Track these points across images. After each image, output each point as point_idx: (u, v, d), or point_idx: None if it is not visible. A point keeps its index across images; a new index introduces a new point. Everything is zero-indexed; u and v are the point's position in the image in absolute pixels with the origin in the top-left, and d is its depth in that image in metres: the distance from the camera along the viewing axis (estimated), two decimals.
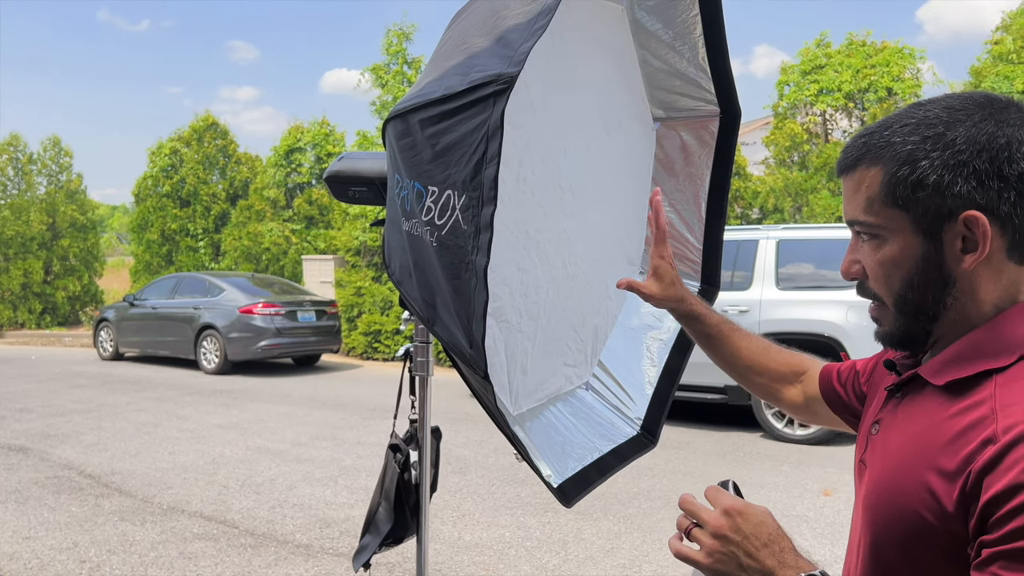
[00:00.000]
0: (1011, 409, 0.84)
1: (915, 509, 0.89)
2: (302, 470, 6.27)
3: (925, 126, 0.92)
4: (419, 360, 2.10)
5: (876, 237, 0.96)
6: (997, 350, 0.91)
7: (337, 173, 2.05)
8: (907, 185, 0.92)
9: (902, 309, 0.97)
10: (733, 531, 0.94)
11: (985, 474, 0.82)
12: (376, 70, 15.62)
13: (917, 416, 0.96)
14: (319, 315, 12.62)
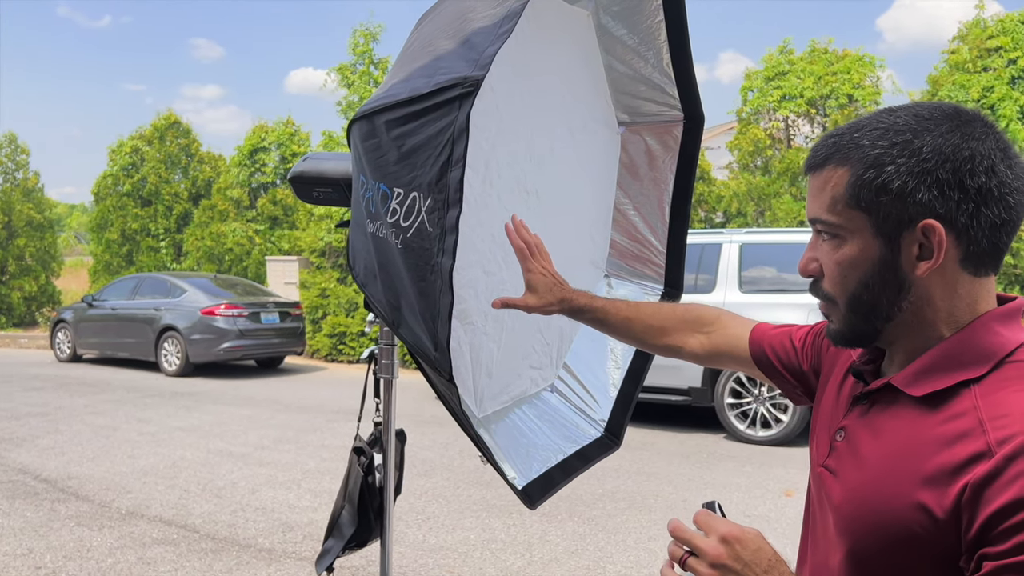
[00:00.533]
0: (1001, 421, 0.86)
1: (902, 520, 0.89)
2: (265, 473, 6.20)
3: (894, 132, 0.94)
4: (384, 363, 2.09)
5: (836, 237, 0.97)
6: (971, 360, 0.93)
7: (301, 174, 2.03)
8: (872, 188, 0.93)
9: (855, 309, 0.98)
10: (733, 560, 0.92)
11: (984, 487, 0.83)
12: (342, 70, 15.52)
13: (894, 427, 0.96)
14: (283, 317, 12.49)
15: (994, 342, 0.93)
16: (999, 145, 0.92)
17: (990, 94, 10.06)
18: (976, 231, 0.92)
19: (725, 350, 1.42)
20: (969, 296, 0.95)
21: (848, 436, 1.03)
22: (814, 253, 1.02)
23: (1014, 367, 0.91)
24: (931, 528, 0.86)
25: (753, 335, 1.39)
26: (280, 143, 16.98)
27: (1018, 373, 0.90)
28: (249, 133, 17.33)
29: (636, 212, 2.04)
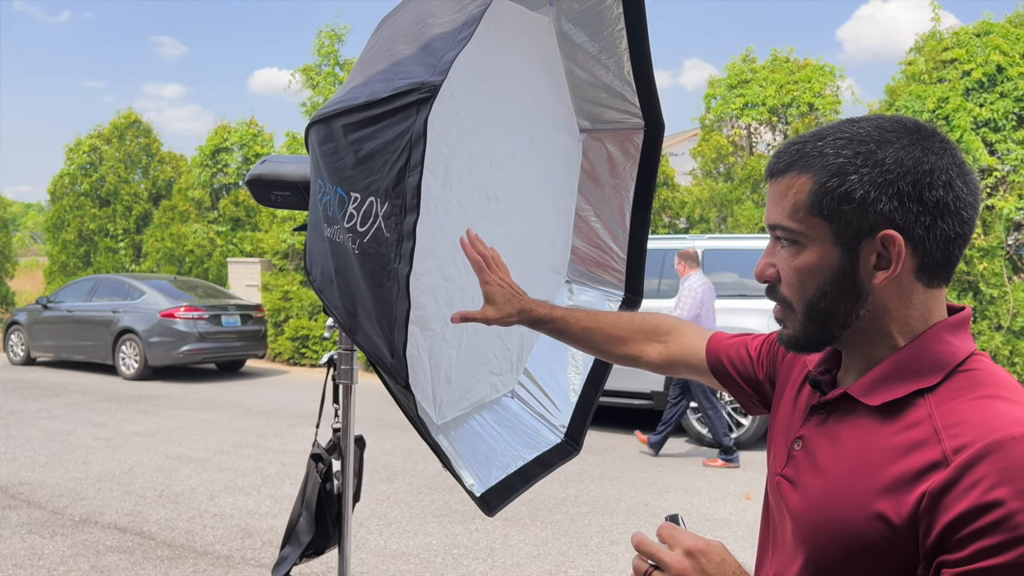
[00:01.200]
0: (955, 430, 0.87)
1: (861, 529, 0.90)
2: (224, 479, 6.11)
3: (857, 142, 0.95)
4: (343, 368, 2.07)
5: (796, 243, 0.98)
6: (925, 369, 0.94)
7: (259, 176, 2.01)
8: (834, 196, 0.94)
9: (811, 316, 0.99)
10: (697, 572, 0.92)
11: (942, 496, 0.84)
12: (307, 71, 15.38)
13: (850, 436, 0.97)
14: (244, 319, 12.33)
15: (946, 352, 0.95)
16: (955, 161, 0.95)
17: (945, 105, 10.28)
18: (932, 243, 0.94)
19: (681, 359, 1.43)
20: (923, 306, 0.97)
21: (806, 445, 1.03)
22: (771, 259, 1.02)
23: (964, 376, 0.93)
24: (889, 537, 0.87)
25: (710, 344, 1.40)
26: (243, 144, 16.76)
27: (968, 382, 0.92)
28: (211, 133, 17.08)
29: (597, 218, 2.04)
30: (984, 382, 0.92)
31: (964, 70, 10.34)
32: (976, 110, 10.11)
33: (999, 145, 10.11)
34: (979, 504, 0.81)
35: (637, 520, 5.22)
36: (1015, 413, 0.86)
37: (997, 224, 9.96)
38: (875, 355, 0.99)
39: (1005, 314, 9.83)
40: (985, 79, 10.17)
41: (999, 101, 10.07)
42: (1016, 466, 0.81)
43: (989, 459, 0.83)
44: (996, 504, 0.80)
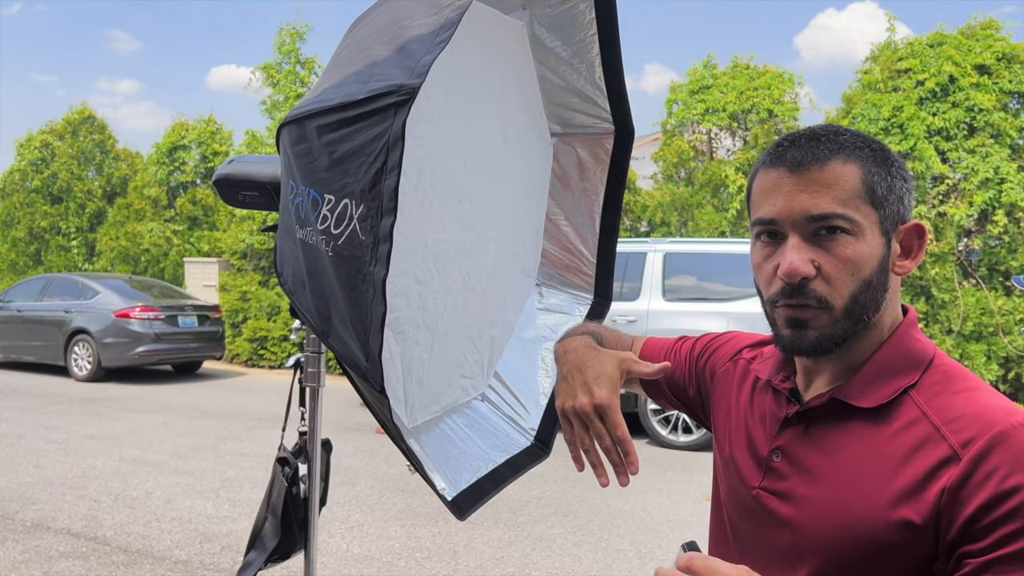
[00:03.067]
0: (955, 424, 0.90)
1: (879, 532, 0.90)
2: (181, 483, 6.00)
3: (871, 142, 0.99)
4: (310, 371, 2.05)
5: (850, 233, 0.94)
6: (904, 367, 0.97)
7: (227, 176, 1.98)
8: (882, 186, 0.96)
9: (851, 310, 0.95)
10: None
11: (959, 490, 0.86)
12: (267, 69, 15.19)
13: (847, 442, 0.96)
14: (201, 320, 12.13)
15: (918, 348, 0.98)
16: None
17: (900, 113, 10.53)
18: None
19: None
20: (896, 298, 1.01)
21: (788, 456, 1.02)
22: (810, 254, 0.95)
23: (937, 371, 0.96)
24: (911, 538, 0.88)
25: (643, 353, 1.34)
26: (201, 141, 16.49)
27: (942, 377, 0.95)
28: (168, 130, 16.78)
29: (567, 222, 2.05)
30: (955, 376, 0.95)
31: (918, 80, 10.61)
32: (929, 119, 10.37)
33: (951, 154, 10.39)
34: (997, 493, 0.84)
35: (600, 522, 5.25)
36: (1001, 403, 0.91)
37: (949, 231, 10.23)
38: (858, 355, 0.99)
39: (956, 318, 10.10)
40: (938, 89, 10.44)
41: (951, 111, 10.35)
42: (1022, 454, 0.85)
43: (998, 449, 0.85)
44: (1014, 491, 0.83)
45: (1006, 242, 10.32)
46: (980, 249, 10.68)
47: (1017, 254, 10.21)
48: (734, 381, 1.18)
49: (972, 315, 10.04)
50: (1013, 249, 10.28)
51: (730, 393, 1.17)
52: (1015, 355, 9.86)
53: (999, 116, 10.21)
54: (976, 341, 10.04)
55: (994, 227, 10.15)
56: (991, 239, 10.47)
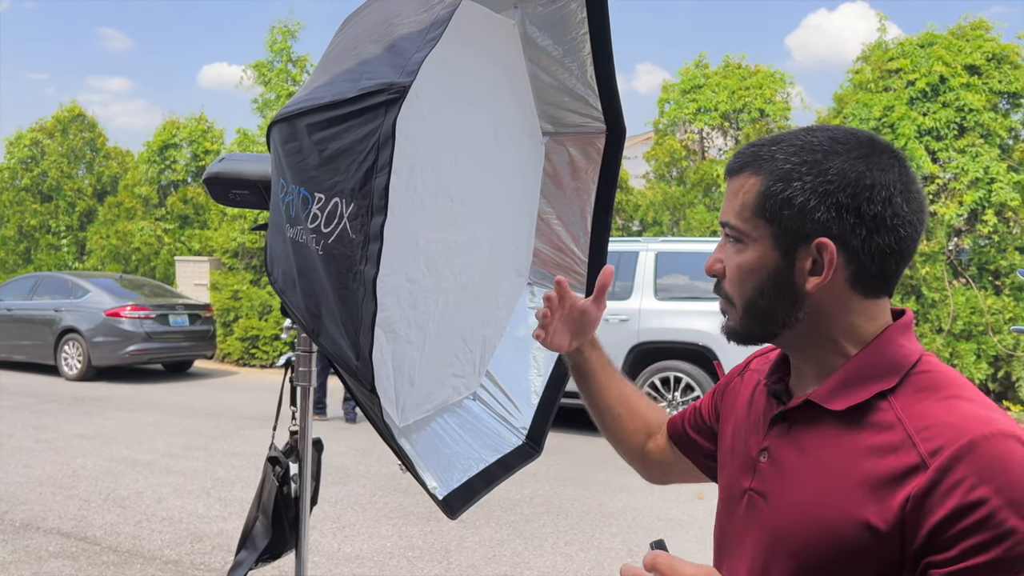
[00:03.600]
0: (927, 432, 0.89)
1: (845, 535, 0.91)
2: (172, 482, 5.97)
3: (807, 150, 0.98)
4: (301, 370, 2.05)
5: (740, 241, 1.02)
6: (883, 372, 0.97)
7: (217, 175, 1.97)
8: (777, 201, 0.98)
9: (750, 312, 1.02)
10: None
11: (924, 499, 0.86)
12: (259, 67, 15.14)
13: (819, 442, 0.98)
14: (192, 319, 12.08)
15: (899, 354, 0.98)
16: (901, 178, 0.97)
17: (891, 113, 10.57)
18: (866, 256, 0.96)
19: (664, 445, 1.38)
20: (866, 313, 0.99)
21: (772, 456, 1.04)
22: (721, 254, 1.06)
23: (921, 377, 0.96)
24: (874, 543, 0.89)
25: (670, 421, 1.38)
26: (192, 140, 16.43)
27: (927, 383, 0.95)
28: (159, 128, 16.70)
29: (559, 221, 2.05)
30: (942, 383, 0.95)
31: (908, 80, 10.65)
32: (920, 119, 10.41)
33: (941, 153, 10.43)
34: (963, 504, 0.84)
35: (592, 521, 5.25)
36: (979, 412, 0.89)
37: (939, 230, 10.27)
38: (828, 361, 1.01)
39: (946, 317, 10.15)
40: (928, 89, 10.49)
41: (941, 111, 10.39)
42: (993, 464, 0.84)
43: (966, 460, 0.85)
44: (979, 503, 0.83)
45: (995, 241, 10.37)
46: (970, 248, 10.73)
47: (1006, 253, 10.26)
48: (740, 391, 1.20)
49: (962, 314, 10.09)
50: (1002, 248, 10.33)
51: (737, 403, 1.20)
52: (1004, 354, 9.92)
53: (989, 116, 10.26)
54: (966, 340, 10.08)
55: (984, 227, 10.20)
56: (981, 238, 10.52)
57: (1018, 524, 0.82)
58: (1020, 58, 10.49)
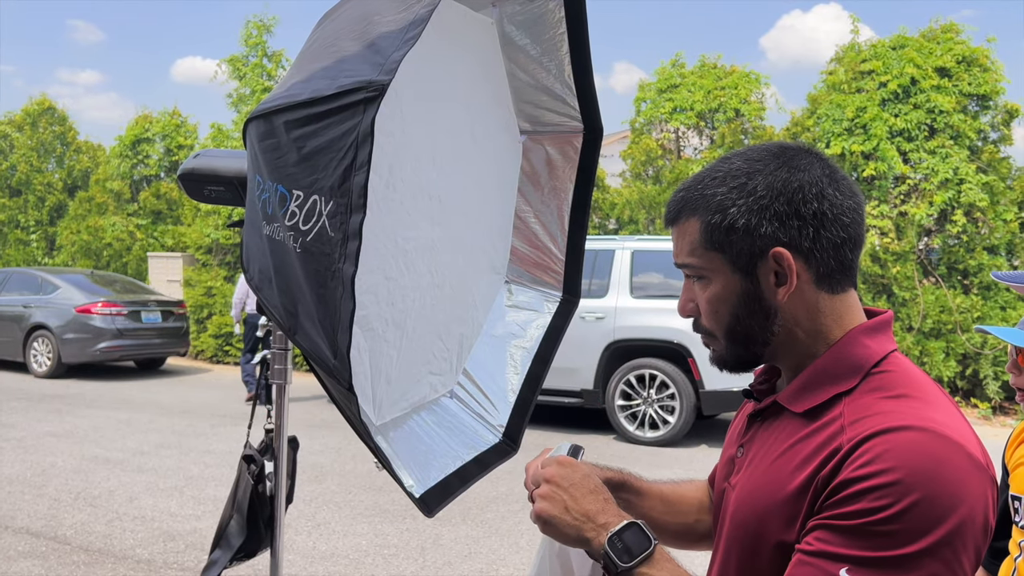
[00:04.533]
0: (859, 425, 0.93)
1: (774, 526, 0.96)
2: (144, 480, 5.91)
3: (731, 177, 1.03)
4: (277, 367, 2.03)
5: (702, 278, 1.06)
6: (843, 373, 1.00)
7: (192, 171, 1.95)
8: (720, 230, 1.02)
9: (733, 339, 1.06)
10: (561, 478, 1.06)
11: (831, 477, 0.91)
12: (234, 61, 14.98)
13: (777, 439, 1.03)
14: (165, 316, 11.96)
15: (862, 355, 1.00)
16: (825, 171, 1.02)
17: (863, 114, 10.69)
18: (821, 252, 1.00)
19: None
20: (833, 313, 1.02)
21: (746, 450, 1.09)
22: (689, 295, 1.10)
23: (878, 377, 0.98)
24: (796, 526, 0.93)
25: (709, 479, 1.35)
26: (165, 134, 16.23)
27: (882, 383, 0.97)
28: (131, 123, 16.48)
29: (536, 220, 2.05)
30: (896, 382, 0.97)
31: (881, 81, 10.78)
32: (892, 120, 10.55)
33: (912, 154, 10.58)
34: (854, 476, 0.88)
35: None
36: (917, 409, 0.92)
37: (910, 230, 10.42)
38: (800, 363, 1.05)
39: (916, 316, 10.30)
40: (900, 91, 10.63)
41: (913, 112, 10.54)
42: (898, 448, 0.87)
43: (875, 439, 0.89)
44: (868, 476, 0.87)
45: (964, 241, 10.54)
46: (939, 248, 10.90)
47: (975, 253, 10.43)
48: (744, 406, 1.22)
49: (932, 313, 10.24)
50: (971, 248, 10.50)
51: (736, 417, 1.24)
52: (972, 352, 10.09)
53: (958, 118, 10.42)
54: (935, 338, 10.24)
55: (953, 226, 10.36)
56: (950, 238, 10.69)
57: (898, 506, 0.85)
58: (989, 61, 10.66)
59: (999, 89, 10.60)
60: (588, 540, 1.02)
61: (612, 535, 0.99)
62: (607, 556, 0.99)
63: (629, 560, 0.98)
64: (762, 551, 0.97)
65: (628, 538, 0.99)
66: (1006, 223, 10.36)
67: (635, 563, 0.98)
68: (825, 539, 0.88)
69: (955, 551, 0.85)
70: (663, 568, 0.98)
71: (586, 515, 1.02)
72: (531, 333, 2.07)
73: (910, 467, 0.86)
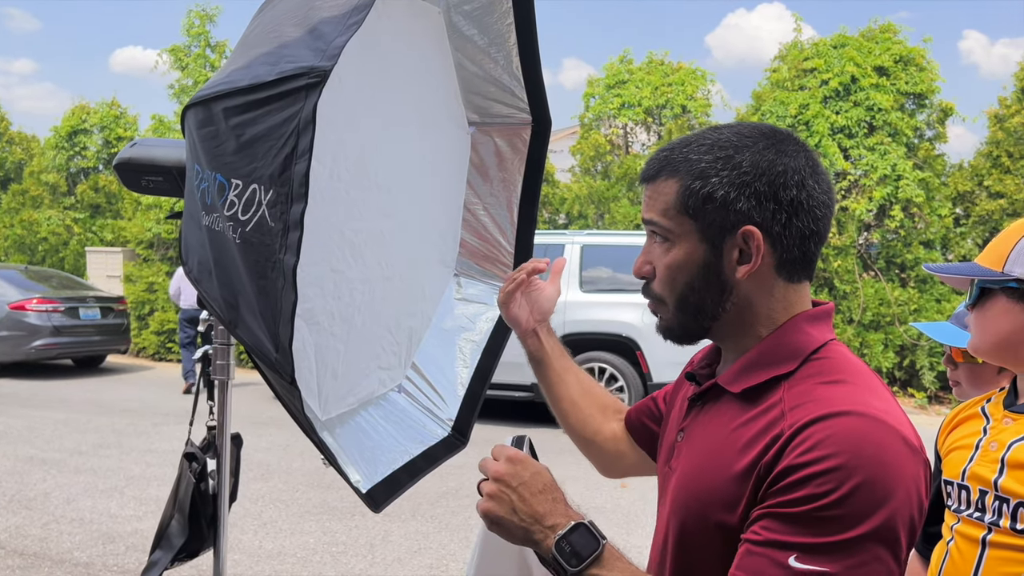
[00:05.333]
0: (798, 410, 0.94)
1: (716, 508, 0.96)
2: (83, 481, 5.74)
3: (718, 147, 1.02)
4: (219, 363, 1.98)
5: (667, 240, 1.05)
6: (783, 357, 1.01)
7: (128, 160, 1.89)
8: (698, 197, 1.01)
9: (682, 308, 1.05)
10: (511, 477, 1.03)
11: (774, 464, 0.91)
12: (175, 51, 14.61)
13: (716, 421, 1.04)
14: (105, 312, 11.62)
15: (802, 340, 1.02)
16: (808, 163, 1.02)
17: (806, 111, 10.92)
18: (788, 239, 1.01)
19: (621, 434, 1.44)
20: (785, 299, 1.04)
21: (686, 435, 1.10)
22: (648, 256, 1.09)
23: (817, 363, 1.00)
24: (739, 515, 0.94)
25: (629, 409, 1.44)
26: (104, 125, 15.75)
27: (820, 368, 0.99)
28: (68, 114, 15.94)
29: (485, 212, 2.04)
30: (834, 368, 0.99)
31: (822, 79, 11.02)
32: (833, 117, 10.79)
33: (852, 151, 10.84)
34: (795, 463, 0.89)
35: None
36: (854, 395, 0.94)
37: (850, 224, 10.68)
38: (744, 346, 1.05)
39: (856, 308, 10.57)
40: (841, 88, 10.87)
41: (853, 109, 10.79)
42: (834, 435, 0.89)
43: (814, 426, 0.90)
44: (809, 463, 0.88)
45: (902, 236, 10.84)
46: (879, 242, 11.20)
47: (912, 247, 10.75)
48: (683, 387, 1.23)
49: (871, 305, 10.52)
50: (908, 243, 10.82)
51: (676, 399, 1.24)
52: (909, 344, 10.40)
53: (896, 116, 10.71)
54: (875, 330, 10.53)
55: (891, 221, 10.65)
56: (888, 233, 10.99)
57: (839, 491, 0.86)
58: (925, 61, 10.98)
59: (935, 88, 10.93)
60: (537, 543, 1.00)
61: (559, 538, 0.98)
62: (556, 561, 0.97)
63: (578, 564, 0.96)
64: (702, 531, 0.98)
65: (576, 540, 0.97)
66: (941, 218, 10.70)
67: (583, 566, 0.96)
68: (772, 528, 0.89)
69: (895, 532, 0.87)
70: (613, 568, 0.97)
71: (534, 517, 1.00)
72: (480, 326, 2.06)
73: (851, 452, 0.87)
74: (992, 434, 1.39)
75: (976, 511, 1.35)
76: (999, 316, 1.39)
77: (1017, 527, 1.28)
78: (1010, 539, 1.29)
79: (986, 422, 1.42)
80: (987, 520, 1.32)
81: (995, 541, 1.31)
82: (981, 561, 1.32)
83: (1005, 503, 1.30)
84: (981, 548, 1.33)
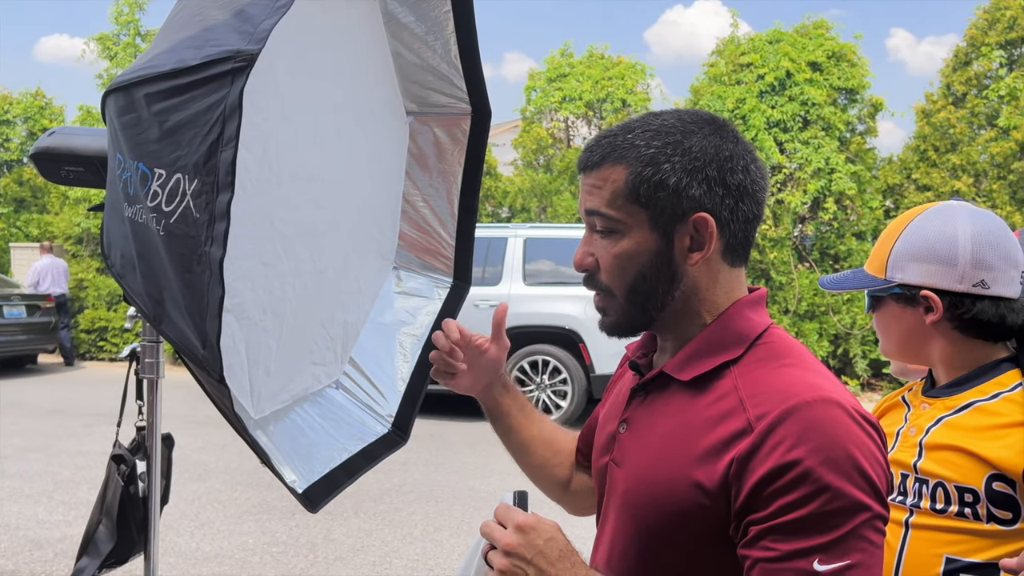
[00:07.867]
0: (757, 399, 0.93)
1: (679, 498, 0.95)
2: (7, 486, 5.51)
3: (664, 133, 1.00)
4: (147, 361, 1.91)
5: (615, 232, 1.02)
6: (730, 343, 1.00)
7: (47, 150, 1.80)
8: (650, 184, 0.99)
9: (632, 300, 1.03)
10: (525, 547, 0.94)
11: (747, 460, 0.90)
12: (103, 40, 14.14)
13: (667, 411, 1.02)
14: (31, 311, 11.19)
15: (746, 326, 1.02)
16: (747, 148, 1.03)
17: (743, 105, 11.12)
18: (735, 224, 1.01)
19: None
20: (727, 285, 1.03)
21: (630, 426, 1.07)
22: (589, 248, 1.05)
23: (763, 348, 1.00)
24: (705, 503, 0.93)
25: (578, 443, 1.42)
26: (28, 116, 15.16)
27: (767, 353, 0.99)
28: None
29: (425, 204, 2.00)
30: (780, 352, 0.99)
31: (759, 74, 11.23)
32: (769, 111, 11.01)
33: (788, 144, 11.09)
34: (780, 464, 0.88)
35: (462, 505, 5.26)
36: (808, 379, 0.94)
37: (786, 217, 10.93)
38: (687, 333, 1.04)
39: (792, 299, 10.83)
40: (776, 83, 11.10)
41: (788, 104, 11.03)
42: (811, 427, 0.88)
43: (787, 422, 0.89)
44: (796, 463, 0.87)
45: (835, 228, 11.15)
46: (813, 235, 11.49)
47: (845, 239, 11.05)
48: (619, 381, 1.22)
49: (806, 296, 10.79)
50: (841, 234, 11.13)
51: (612, 391, 1.22)
52: (843, 332, 10.70)
53: (829, 110, 10.99)
54: (810, 320, 10.80)
55: (825, 214, 10.93)
56: (822, 225, 11.28)
57: (832, 481, 0.86)
58: (856, 57, 11.28)
59: (865, 83, 11.25)
60: None
61: None
62: None
63: None
64: (666, 521, 0.97)
65: None
66: (872, 210, 11.03)
67: None
68: (784, 539, 0.87)
69: (884, 503, 0.90)
70: None
71: None
72: (421, 320, 2.02)
73: (829, 441, 0.88)
74: (911, 420, 1.42)
75: (899, 495, 1.38)
76: (892, 321, 1.44)
77: (937, 507, 1.31)
78: (931, 520, 1.32)
79: (907, 410, 1.46)
80: (908, 503, 1.35)
81: (917, 523, 1.34)
82: (904, 543, 1.35)
83: (924, 484, 1.33)
84: (904, 531, 1.35)
